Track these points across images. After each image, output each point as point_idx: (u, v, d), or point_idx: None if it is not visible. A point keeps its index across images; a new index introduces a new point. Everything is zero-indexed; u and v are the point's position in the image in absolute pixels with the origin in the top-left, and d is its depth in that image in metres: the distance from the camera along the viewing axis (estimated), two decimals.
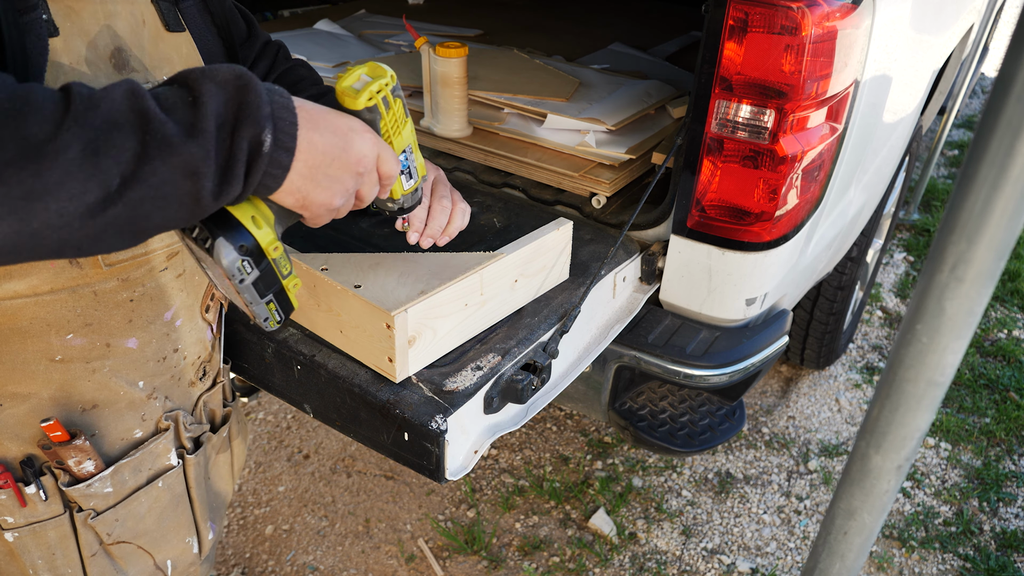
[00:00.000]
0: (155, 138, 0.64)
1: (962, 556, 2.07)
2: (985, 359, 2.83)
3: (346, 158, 0.80)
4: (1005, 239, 0.54)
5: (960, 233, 0.55)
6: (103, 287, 0.89)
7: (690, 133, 1.36)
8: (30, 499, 0.94)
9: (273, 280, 0.86)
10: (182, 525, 1.12)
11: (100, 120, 0.62)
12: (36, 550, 0.98)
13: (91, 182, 0.62)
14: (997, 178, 0.52)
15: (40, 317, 0.86)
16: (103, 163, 0.62)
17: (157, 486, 1.04)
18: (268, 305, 0.88)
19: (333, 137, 0.78)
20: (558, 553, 2.06)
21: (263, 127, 0.70)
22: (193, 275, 1.00)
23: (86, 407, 0.94)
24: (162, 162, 0.64)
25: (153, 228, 0.69)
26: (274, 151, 0.72)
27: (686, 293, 1.52)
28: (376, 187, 0.87)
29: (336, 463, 2.34)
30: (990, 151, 0.51)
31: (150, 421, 1.01)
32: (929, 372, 0.64)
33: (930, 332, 0.61)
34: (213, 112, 0.67)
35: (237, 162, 0.69)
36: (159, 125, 0.64)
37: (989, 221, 0.53)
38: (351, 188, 0.82)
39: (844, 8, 1.25)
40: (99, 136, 0.62)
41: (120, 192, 0.63)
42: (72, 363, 0.91)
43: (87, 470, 0.95)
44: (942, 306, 0.59)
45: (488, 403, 1.16)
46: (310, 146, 0.76)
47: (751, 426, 2.49)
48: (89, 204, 0.62)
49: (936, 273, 0.58)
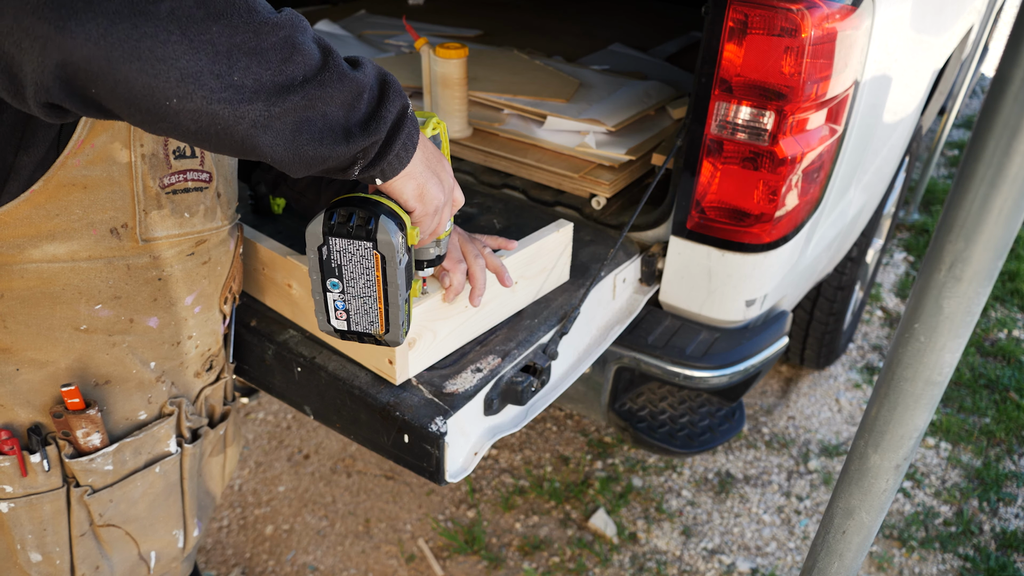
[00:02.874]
0: (333, 61, 0.74)
1: (962, 556, 2.07)
2: (985, 359, 2.83)
3: (444, 166, 0.92)
4: (1003, 238, 0.55)
5: (958, 232, 0.55)
6: (137, 262, 0.91)
7: (690, 134, 1.37)
8: (32, 468, 0.95)
9: (411, 272, 0.91)
10: (171, 516, 1.13)
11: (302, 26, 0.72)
12: (28, 523, 0.99)
13: (286, 66, 0.69)
14: (995, 177, 0.52)
15: (74, 284, 0.88)
16: (296, 57, 0.70)
17: (154, 471, 1.06)
18: (406, 305, 0.91)
19: (433, 149, 0.90)
20: (558, 553, 2.07)
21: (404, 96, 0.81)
22: (216, 265, 1.03)
23: (99, 381, 0.96)
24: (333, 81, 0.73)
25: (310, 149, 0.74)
26: (412, 123, 0.81)
27: (686, 294, 1.52)
28: (450, 213, 0.97)
29: (336, 463, 2.34)
30: (987, 151, 0.51)
31: (155, 404, 1.03)
32: (927, 371, 0.64)
33: (928, 331, 0.61)
34: (370, 73, 0.78)
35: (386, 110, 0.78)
36: (337, 57, 0.74)
37: (987, 220, 0.53)
38: (447, 195, 0.92)
39: (844, 9, 1.25)
40: (298, 39, 0.71)
41: (302, 86, 0.71)
42: (95, 334, 0.93)
43: (93, 443, 0.97)
44: (940, 305, 0.59)
45: (488, 405, 1.16)
46: (424, 145, 0.87)
47: (751, 426, 2.49)
48: (279, 83, 0.69)
49: (934, 272, 0.58)
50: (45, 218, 0.83)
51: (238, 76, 0.67)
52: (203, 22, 0.64)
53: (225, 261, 1.05)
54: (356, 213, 0.83)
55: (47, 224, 0.84)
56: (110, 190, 0.86)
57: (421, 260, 1.04)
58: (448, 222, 1.01)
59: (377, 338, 0.95)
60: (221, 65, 0.66)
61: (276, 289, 1.27)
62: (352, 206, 0.84)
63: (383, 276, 0.87)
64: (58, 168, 0.81)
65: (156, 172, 0.88)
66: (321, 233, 0.86)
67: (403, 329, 0.94)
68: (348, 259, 0.87)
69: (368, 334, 0.95)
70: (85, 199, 0.84)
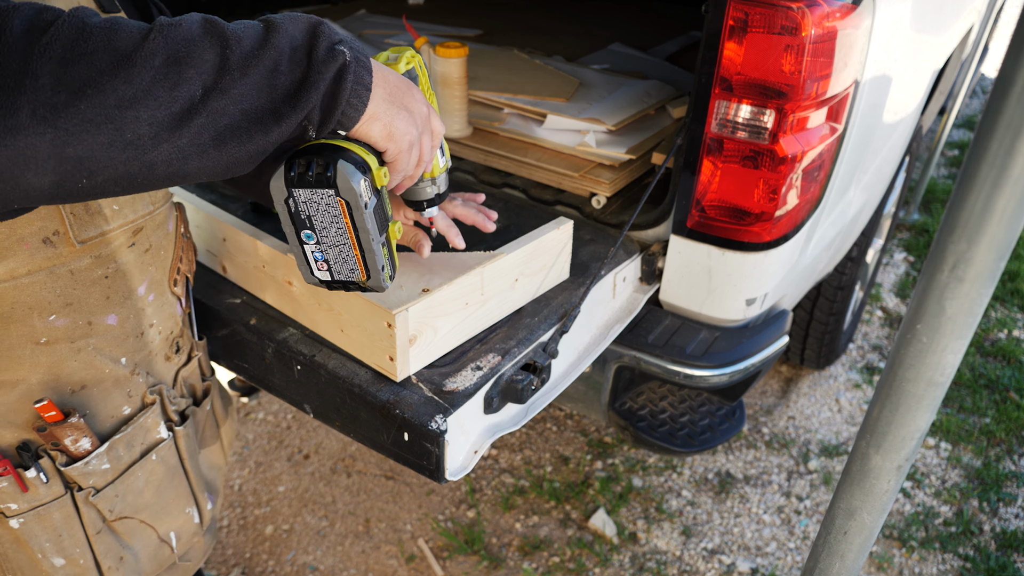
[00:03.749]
0: (233, 52, 0.68)
1: (962, 556, 2.07)
2: (985, 359, 2.83)
3: (412, 95, 0.86)
4: (1005, 239, 0.54)
5: (960, 233, 0.55)
6: (78, 265, 0.90)
7: (690, 133, 1.36)
8: (31, 483, 0.95)
9: (385, 215, 0.89)
10: (180, 496, 1.14)
11: (181, 36, 0.66)
12: (42, 533, 0.99)
13: (176, 90, 0.65)
14: (997, 178, 0.52)
15: (21, 301, 0.87)
16: (186, 72, 0.65)
17: (151, 459, 1.07)
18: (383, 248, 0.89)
19: (398, 77, 0.85)
20: (558, 553, 2.06)
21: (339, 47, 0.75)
22: (159, 250, 1.02)
23: (75, 388, 0.96)
24: (240, 74, 0.68)
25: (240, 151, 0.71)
26: (356, 67, 0.76)
27: (686, 293, 1.52)
28: (431, 143, 0.91)
29: (336, 463, 2.34)
30: (990, 151, 0.51)
31: (136, 397, 1.03)
32: (929, 372, 0.64)
33: (930, 332, 0.61)
34: (287, 33, 0.72)
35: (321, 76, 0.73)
36: (235, 42, 0.69)
37: (989, 221, 0.53)
38: (421, 126, 0.87)
39: (844, 8, 1.25)
40: (180, 48, 0.66)
41: (203, 102, 0.66)
42: (57, 344, 0.92)
43: (83, 448, 0.97)
44: (942, 306, 0.59)
45: (488, 403, 1.16)
46: (384, 78, 0.81)
47: (751, 426, 2.49)
48: (175, 113, 0.65)
49: (936, 273, 0.58)
50: None
51: (130, 132, 0.64)
52: (69, 105, 0.61)
53: (167, 244, 1.04)
54: (314, 161, 0.81)
55: None
56: None
57: (419, 200, 1.03)
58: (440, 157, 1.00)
59: (361, 285, 0.94)
60: (108, 134, 0.63)
61: (276, 287, 1.27)
62: (311, 154, 0.81)
63: (352, 223, 0.85)
64: None
65: None
66: (284, 186, 0.83)
67: (385, 273, 0.92)
68: (315, 208, 0.84)
69: (352, 282, 0.93)
70: None
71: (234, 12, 2.85)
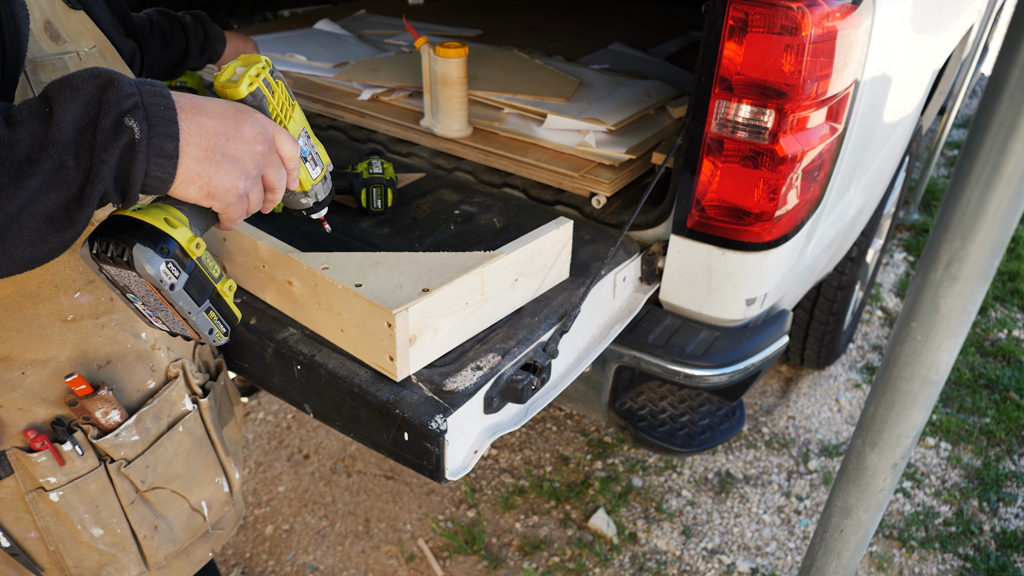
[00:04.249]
0: (5, 166, 0.62)
1: (962, 556, 2.07)
2: (985, 359, 2.83)
3: (241, 135, 0.77)
4: (999, 237, 0.55)
5: (954, 231, 0.55)
6: None
7: (690, 133, 1.37)
8: (67, 456, 0.99)
9: (205, 283, 0.83)
10: (209, 466, 1.18)
11: None
12: (81, 505, 1.02)
13: None
14: (991, 176, 0.52)
15: (47, 280, 0.90)
16: None
17: (178, 431, 1.10)
18: (208, 314, 0.84)
19: (223, 118, 0.76)
20: (558, 553, 2.07)
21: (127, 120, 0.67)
22: None
23: (101, 363, 0.99)
24: (15, 188, 0.63)
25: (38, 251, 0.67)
26: (153, 138, 0.69)
27: (686, 293, 1.52)
28: (281, 170, 0.84)
29: (336, 463, 2.34)
30: (983, 150, 0.51)
31: (159, 371, 1.07)
32: (924, 370, 0.64)
33: (925, 330, 0.61)
34: (70, 118, 0.65)
35: (104, 163, 0.67)
36: (7, 151, 0.63)
37: (983, 219, 0.54)
38: (253, 169, 0.79)
39: (844, 8, 1.25)
40: None
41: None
42: (83, 321, 0.95)
43: (114, 420, 1.00)
44: (936, 304, 0.59)
45: (488, 403, 1.16)
46: (200, 129, 0.73)
47: (751, 426, 2.49)
48: None
49: (930, 271, 0.58)
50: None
51: None
52: None
53: None
54: (111, 243, 0.75)
55: None
56: None
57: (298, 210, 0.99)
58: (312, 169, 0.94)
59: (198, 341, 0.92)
60: None
61: (276, 286, 1.27)
62: (110, 233, 0.75)
63: (165, 298, 0.80)
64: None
65: None
66: (91, 260, 0.78)
67: (216, 334, 0.87)
68: (128, 280, 0.80)
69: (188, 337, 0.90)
70: None
71: (234, 12, 2.85)
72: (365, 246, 1.41)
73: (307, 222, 1.47)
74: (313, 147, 0.95)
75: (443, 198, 1.63)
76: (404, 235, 1.46)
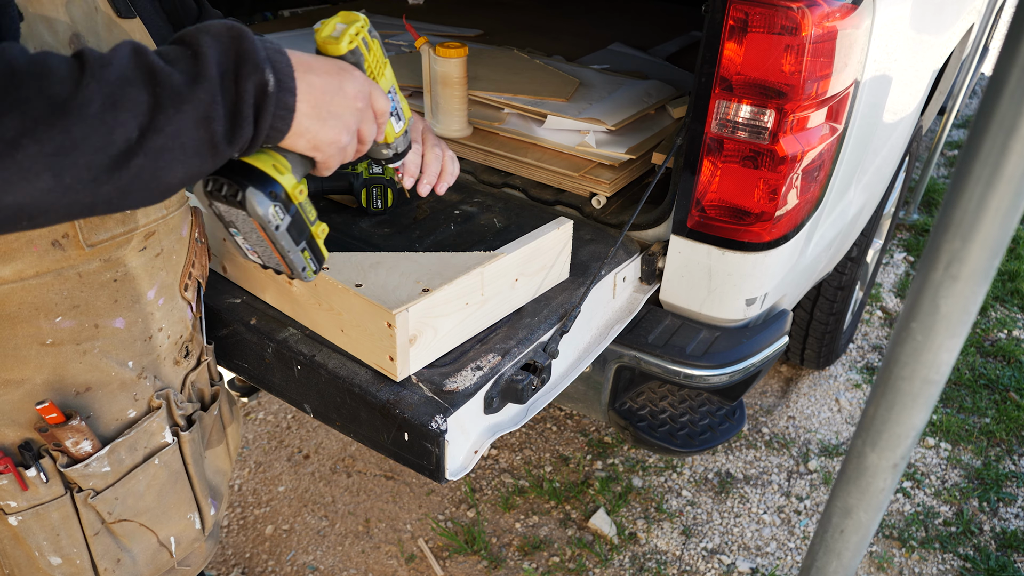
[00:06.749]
0: (164, 89, 0.68)
1: (962, 556, 2.07)
2: (985, 359, 2.83)
3: (344, 94, 0.84)
4: (999, 237, 0.55)
5: (955, 231, 0.55)
6: (87, 268, 0.90)
7: (690, 133, 1.37)
8: (31, 482, 0.96)
9: (303, 226, 0.92)
10: (183, 502, 1.14)
11: (114, 76, 0.66)
12: (40, 532, 1.00)
13: (114, 134, 0.65)
14: (991, 176, 0.52)
15: (28, 302, 0.87)
16: (121, 116, 0.65)
17: (154, 463, 1.06)
18: (303, 253, 0.93)
19: (328, 77, 0.82)
20: (558, 553, 2.07)
21: (264, 69, 0.74)
22: (171, 254, 1.02)
23: (79, 390, 0.96)
24: (175, 110, 0.68)
25: (177, 180, 0.72)
26: (279, 92, 0.76)
27: (686, 293, 1.52)
28: (373, 125, 0.91)
29: (336, 463, 2.34)
30: (984, 149, 0.51)
31: (142, 400, 1.03)
32: (924, 370, 0.64)
33: (925, 330, 0.61)
34: (214, 61, 0.71)
35: (245, 104, 0.73)
36: (165, 77, 0.68)
37: (983, 219, 0.54)
38: (353, 125, 0.86)
39: (844, 8, 1.25)
40: (115, 91, 0.65)
41: (140, 143, 0.67)
42: (63, 346, 0.92)
43: (84, 450, 0.97)
44: (937, 304, 0.59)
45: (488, 403, 1.16)
46: (309, 87, 0.80)
47: (751, 426, 2.50)
48: (114, 156, 0.66)
49: (931, 271, 0.58)
50: None
51: (69, 178, 0.64)
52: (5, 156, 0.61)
53: (180, 249, 1.04)
54: (226, 184, 0.83)
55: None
56: None
57: (376, 159, 1.07)
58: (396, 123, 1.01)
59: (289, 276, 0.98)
60: (47, 181, 0.63)
61: (276, 287, 1.27)
62: (226, 175, 0.83)
63: (268, 236, 0.88)
64: None
65: None
66: (205, 196, 0.86)
67: (308, 271, 0.96)
68: (235, 217, 0.87)
69: (280, 271, 0.97)
70: None
71: (234, 12, 2.85)
72: (365, 246, 1.41)
73: None
74: (399, 102, 1.02)
75: (443, 198, 1.63)
76: (404, 235, 1.46)
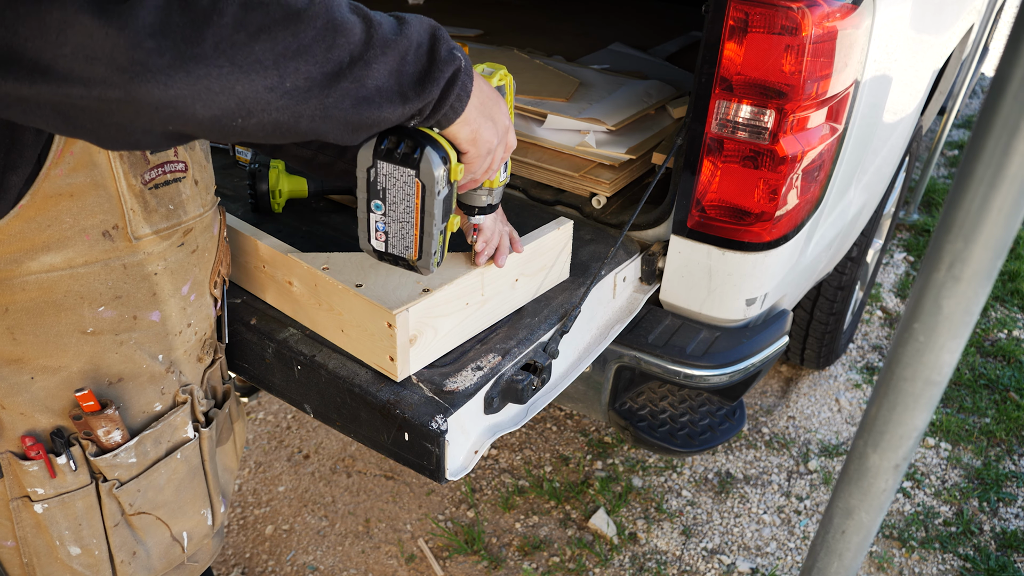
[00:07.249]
0: (376, 31, 0.76)
1: (962, 556, 2.07)
2: (985, 359, 2.83)
3: (499, 109, 0.96)
4: (1002, 238, 0.55)
5: (957, 232, 0.55)
6: (132, 260, 0.93)
7: (690, 133, 1.37)
8: (60, 469, 0.98)
9: (450, 206, 0.98)
10: (198, 497, 1.16)
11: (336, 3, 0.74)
12: (64, 521, 1.01)
13: (331, 52, 0.73)
14: (994, 177, 0.52)
15: (75, 290, 0.90)
16: (339, 40, 0.73)
17: (175, 458, 1.09)
18: (440, 237, 0.98)
19: (490, 90, 0.94)
20: (558, 553, 2.07)
21: (455, 53, 0.84)
22: (204, 252, 1.05)
23: (112, 380, 0.98)
24: (381, 51, 0.76)
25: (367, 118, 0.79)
26: (464, 76, 0.85)
27: (686, 293, 1.52)
28: (503, 155, 1.00)
29: (336, 463, 2.34)
30: (987, 150, 0.51)
31: (168, 395, 1.06)
32: (926, 371, 0.64)
33: (927, 331, 0.61)
34: (415, 31, 0.81)
35: (438, 71, 0.82)
36: (378, 25, 0.77)
37: (986, 220, 0.54)
38: (502, 137, 0.96)
39: (844, 8, 1.25)
40: (337, 16, 0.73)
41: (350, 69, 0.74)
42: (102, 335, 0.94)
43: (115, 440, 0.99)
44: (939, 305, 0.59)
45: (488, 403, 1.16)
46: (478, 88, 0.90)
47: (751, 426, 2.50)
48: (327, 73, 0.73)
49: (933, 272, 0.58)
50: (38, 231, 0.85)
51: (290, 82, 0.70)
52: (246, 45, 0.67)
53: (211, 247, 1.07)
54: (404, 141, 0.89)
55: (40, 236, 0.85)
56: (96, 195, 0.87)
57: (472, 205, 1.11)
58: (502, 172, 1.08)
59: (410, 263, 1.01)
60: (272, 78, 0.69)
61: (277, 287, 1.27)
62: (403, 135, 0.90)
63: (421, 204, 0.94)
64: (42, 180, 0.82)
65: (136, 170, 0.90)
66: (371, 156, 0.92)
67: (435, 259, 1.00)
68: (392, 183, 0.93)
69: (403, 258, 1.02)
70: (73, 207, 0.86)
71: None
72: None
73: (307, 222, 1.47)
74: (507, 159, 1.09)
75: None
76: None
